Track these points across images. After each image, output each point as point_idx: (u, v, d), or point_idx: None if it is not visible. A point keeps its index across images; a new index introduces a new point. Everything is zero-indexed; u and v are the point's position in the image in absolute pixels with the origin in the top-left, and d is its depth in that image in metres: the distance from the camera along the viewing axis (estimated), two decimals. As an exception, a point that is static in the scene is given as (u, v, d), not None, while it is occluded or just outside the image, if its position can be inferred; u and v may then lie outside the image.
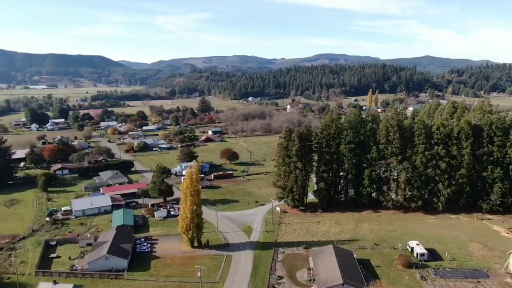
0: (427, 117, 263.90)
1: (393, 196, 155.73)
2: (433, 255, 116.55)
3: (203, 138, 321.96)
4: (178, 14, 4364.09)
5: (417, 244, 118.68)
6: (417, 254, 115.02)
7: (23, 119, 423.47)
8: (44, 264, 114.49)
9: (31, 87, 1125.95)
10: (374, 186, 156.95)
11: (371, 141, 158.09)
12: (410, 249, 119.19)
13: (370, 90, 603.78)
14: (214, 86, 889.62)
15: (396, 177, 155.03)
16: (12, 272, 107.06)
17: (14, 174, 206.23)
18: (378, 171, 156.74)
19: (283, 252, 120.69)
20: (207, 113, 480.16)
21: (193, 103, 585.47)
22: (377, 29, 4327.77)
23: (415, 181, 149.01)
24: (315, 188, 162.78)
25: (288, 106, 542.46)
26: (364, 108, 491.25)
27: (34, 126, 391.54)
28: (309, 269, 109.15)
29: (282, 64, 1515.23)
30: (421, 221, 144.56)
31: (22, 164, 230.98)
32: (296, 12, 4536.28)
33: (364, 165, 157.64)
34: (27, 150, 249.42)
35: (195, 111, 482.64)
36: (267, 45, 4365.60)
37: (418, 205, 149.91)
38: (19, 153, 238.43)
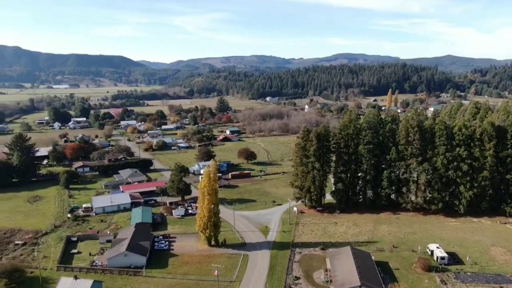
0: (449, 118, 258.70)
1: (413, 198, 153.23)
2: (453, 258, 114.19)
3: (221, 137, 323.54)
4: (197, 14, 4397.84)
5: (437, 247, 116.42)
6: (437, 257, 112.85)
7: (47, 118, 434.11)
8: (66, 260, 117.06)
9: (54, 86, 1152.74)
10: (393, 187, 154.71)
11: (390, 142, 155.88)
12: (430, 252, 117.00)
13: (390, 90, 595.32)
14: (232, 86, 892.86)
15: (416, 179, 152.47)
16: (35, 266, 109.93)
17: (37, 171, 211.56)
18: (397, 172, 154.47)
19: (300, 253, 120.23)
20: (225, 113, 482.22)
21: (211, 102, 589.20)
22: (397, 28, 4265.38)
23: (436, 183, 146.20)
24: (333, 188, 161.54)
25: (306, 106, 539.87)
26: (383, 108, 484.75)
27: (56, 124, 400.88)
28: (326, 270, 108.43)
29: (300, 64, 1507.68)
30: (442, 224, 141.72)
31: (45, 161, 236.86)
32: (315, 11, 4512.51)
33: (383, 166, 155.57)
34: (50, 148, 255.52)
35: (213, 110, 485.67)
36: (285, 45, 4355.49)
37: (438, 207, 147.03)
38: (42, 151, 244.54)
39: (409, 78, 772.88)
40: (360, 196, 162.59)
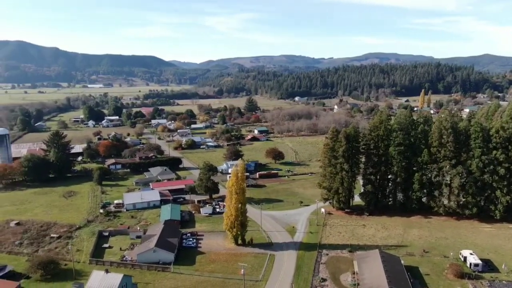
0: (485, 119, 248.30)
1: (445, 202, 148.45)
2: (488, 266, 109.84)
3: (249, 137, 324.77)
4: (227, 14, 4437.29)
5: (471, 254, 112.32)
6: (470, 264, 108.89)
7: (81, 116, 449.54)
8: (97, 254, 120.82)
9: (89, 85, 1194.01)
10: (425, 190, 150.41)
11: (422, 144, 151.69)
12: (462, 259, 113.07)
13: (423, 90, 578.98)
14: (261, 86, 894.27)
15: (449, 182, 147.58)
16: (68, 259, 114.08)
17: (72, 168, 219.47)
18: (429, 175, 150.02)
19: (327, 254, 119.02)
20: (253, 113, 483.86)
21: (240, 102, 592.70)
22: (431, 26, 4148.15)
23: (470, 187, 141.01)
24: (362, 190, 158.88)
25: (336, 106, 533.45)
26: (415, 109, 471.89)
27: (91, 122, 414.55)
28: (354, 273, 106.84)
29: (330, 64, 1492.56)
30: (476, 229, 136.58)
31: (79, 158, 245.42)
32: (346, 10, 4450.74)
33: (414, 168, 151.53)
34: (84, 145, 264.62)
35: (242, 110, 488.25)
36: (315, 44, 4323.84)
37: (472, 212, 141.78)
38: (77, 148, 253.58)
39: (443, 78, 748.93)
40: (390, 199, 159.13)
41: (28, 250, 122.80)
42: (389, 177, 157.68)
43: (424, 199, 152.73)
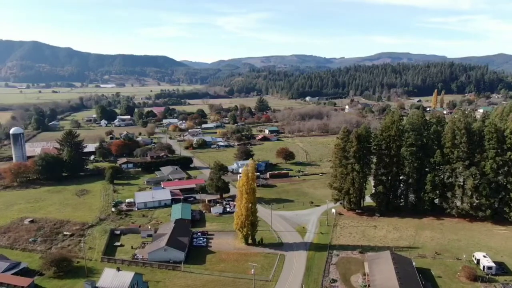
0: (500, 120, 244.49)
1: (458, 203, 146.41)
2: (502, 269, 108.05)
3: (260, 137, 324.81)
4: (238, 14, 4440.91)
5: (484, 256, 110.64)
6: (483, 266, 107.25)
7: (94, 115, 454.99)
8: (109, 252, 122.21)
9: (101, 85, 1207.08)
10: (437, 191, 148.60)
11: (435, 145, 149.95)
12: (475, 261, 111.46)
13: (436, 90, 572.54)
14: (272, 86, 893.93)
15: (462, 184, 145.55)
16: (81, 257, 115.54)
17: (85, 166, 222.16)
18: (442, 176, 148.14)
19: (338, 255, 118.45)
20: (264, 112, 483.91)
21: (250, 102, 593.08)
22: (445, 25, 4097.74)
23: (484, 189, 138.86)
24: (373, 191, 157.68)
25: (347, 106, 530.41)
26: (428, 109, 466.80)
27: (103, 122, 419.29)
28: (364, 275, 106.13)
29: (342, 63, 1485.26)
30: (490, 231, 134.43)
31: (92, 157, 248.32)
32: (357, 9, 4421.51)
33: (427, 169, 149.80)
34: (97, 144, 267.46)
35: (253, 110, 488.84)
36: (327, 44, 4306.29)
37: (486, 214, 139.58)
38: (90, 147, 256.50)
39: (457, 78, 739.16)
40: (402, 200, 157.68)
41: (42, 247, 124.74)
42: (400, 178, 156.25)
43: (436, 201, 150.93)
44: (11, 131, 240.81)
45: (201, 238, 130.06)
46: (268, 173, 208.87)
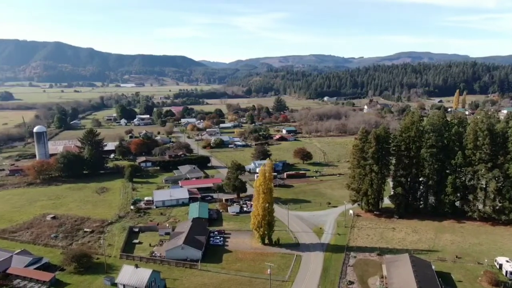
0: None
1: (480, 206, 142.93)
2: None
3: (277, 137, 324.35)
4: (256, 14, 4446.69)
5: (507, 261, 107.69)
6: (506, 272, 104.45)
7: (114, 115, 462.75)
8: (128, 249, 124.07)
9: (121, 85, 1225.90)
10: (458, 194, 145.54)
11: (456, 146, 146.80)
12: (498, 266, 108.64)
13: (457, 90, 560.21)
14: (290, 86, 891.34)
15: (484, 186, 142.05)
16: (100, 253, 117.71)
17: (105, 164, 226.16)
18: (463, 179, 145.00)
19: (355, 257, 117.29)
20: (281, 112, 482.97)
21: (268, 102, 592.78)
22: (468, 24, 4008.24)
23: (507, 192, 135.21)
24: (392, 193, 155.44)
25: (365, 107, 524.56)
26: (449, 110, 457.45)
27: (123, 121, 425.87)
28: (382, 277, 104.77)
29: (360, 63, 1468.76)
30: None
31: (112, 155, 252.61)
32: (377, 8, 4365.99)
33: (448, 171, 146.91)
34: (117, 143, 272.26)
35: (270, 110, 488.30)
36: (345, 44, 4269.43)
37: (509, 218, 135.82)
38: (110, 146, 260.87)
39: (480, 78, 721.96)
40: (421, 202, 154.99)
41: (63, 243, 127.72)
42: (420, 179, 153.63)
43: (457, 203, 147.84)
44: (35, 129, 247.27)
45: (218, 237, 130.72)
46: (285, 173, 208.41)
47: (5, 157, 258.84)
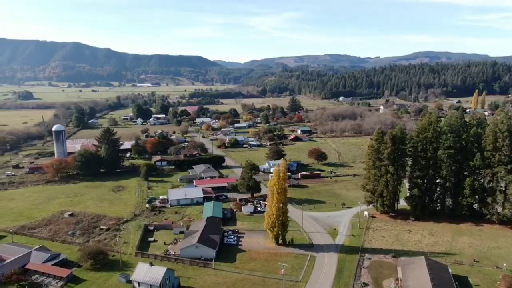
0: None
1: (499, 209, 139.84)
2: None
3: (292, 137, 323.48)
4: (271, 14, 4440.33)
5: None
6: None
7: (131, 114, 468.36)
8: (143, 246, 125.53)
9: (138, 85, 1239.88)
10: (477, 196, 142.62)
11: (474, 147, 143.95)
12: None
13: (476, 91, 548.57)
14: (305, 85, 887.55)
15: (503, 189, 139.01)
16: (116, 250, 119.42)
17: (121, 163, 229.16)
18: (482, 181, 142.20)
19: (370, 259, 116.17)
20: (296, 112, 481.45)
21: (283, 102, 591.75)
22: (487, 23, 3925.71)
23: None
24: (408, 194, 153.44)
25: (381, 107, 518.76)
26: (468, 110, 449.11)
27: (139, 120, 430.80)
28: (397, 280, 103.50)
29: (377, 63, 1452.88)
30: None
31: (128, 154, 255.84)
32: (393, 7, 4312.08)
33: (466, 173, 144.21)
34: (133, 142, 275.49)
35: (285, 110, 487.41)
36: (361, 43, 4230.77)
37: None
38: (126, 145, 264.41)
39: (500, 78, 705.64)
40: (438, 204, 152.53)
41: (80, 240, 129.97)
42: (437, 181, 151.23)
43: (475, 206, 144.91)
44: (53, 128, 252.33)
45: (232, 237, 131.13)
46: (299, 174, 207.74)
47: (25, 155, 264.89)
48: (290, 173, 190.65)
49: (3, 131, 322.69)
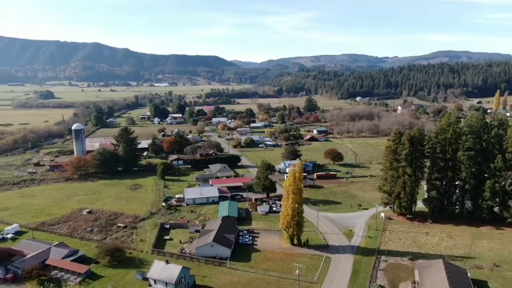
0: None
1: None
2: None
3: (308, 137, 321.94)
4: (288, 14, 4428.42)
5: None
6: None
7: (148, 113, 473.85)
8: (159, 244, 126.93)
9: (155, 84, 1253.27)
10: (497, 199, 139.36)
11: (496, 149, 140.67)
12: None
13: (498, 91, 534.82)
14: (321, 85, 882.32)
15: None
16: (133, 248, 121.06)
17: (138, 162, 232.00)
18: (503, 183, 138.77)
19: (386, 261, 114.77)
20: (312, 112, 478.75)
21: (299, 102, 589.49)
22: (510, 21, 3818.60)
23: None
24: (426, 196, 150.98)
25: (399, 107, 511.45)
26: (489, 111, 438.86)
27: (156, 119, 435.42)
28: (414, 283, 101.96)
29: (395, 63, 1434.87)
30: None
31: (145, 153, 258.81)
32: (412, 6, 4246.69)
33: (486, 175, 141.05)
34: (150, 141, 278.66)
35: (301, 110, 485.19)
36: (379, 43, 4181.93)
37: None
38: (143, 143, 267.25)
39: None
40: (457, 206, 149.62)
41: (98, 237, 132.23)
42: (456, 183, 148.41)
43: (496, 209, 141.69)
44: (73, 127, 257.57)
45: (247, 236, 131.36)
46: (315, 174, 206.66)
47: (45, 153, 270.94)
48: (305, 174, 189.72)
49: (25, 130, 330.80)
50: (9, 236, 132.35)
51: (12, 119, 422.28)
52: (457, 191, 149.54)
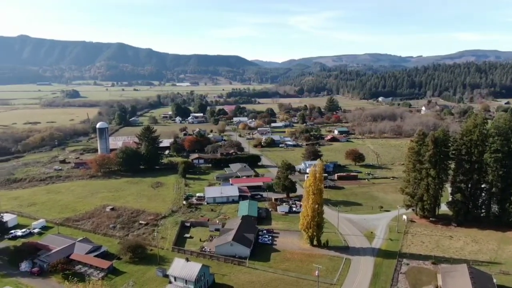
0: None
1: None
2: None
3: (329, 137, 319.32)
4: (311, 13, 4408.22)
5: None
6: None
7: (170, 113, 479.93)
8: (179, 242, 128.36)
9: (177, 84, 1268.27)
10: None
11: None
12: None
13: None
14: (343, 85, 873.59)
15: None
16: (154, 245, 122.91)
17: (160, 160, 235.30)
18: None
19: (408, 264, 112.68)
20: (334, 113, 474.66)
21: (320, 102, 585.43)
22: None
23: None
24: (450, 199, 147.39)
25: (423, 108, 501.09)
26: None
27: (178, 118, 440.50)
28: (437, 287, 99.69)
29: (419, 62, 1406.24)
30: None
31: (167, 152, 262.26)
32: (436, 4, 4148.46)
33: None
34: (171, 140, 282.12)
35: (322, 110, 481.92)
36: (402, 42, 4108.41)
37: None
38: (165, 142, 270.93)
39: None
40: (483, 210, 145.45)
41: (120, 233, 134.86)
42: (482, 186, 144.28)
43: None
44: (97, 125, 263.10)
45: (267, 236, 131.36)
46: (336, 175, 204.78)
47: (71, 151, 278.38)
48: (326, 174, 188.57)
49: (52, 128, 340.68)
50: (36, 230, 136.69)
51: (40, 118, 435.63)
52: (483, 194, 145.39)
